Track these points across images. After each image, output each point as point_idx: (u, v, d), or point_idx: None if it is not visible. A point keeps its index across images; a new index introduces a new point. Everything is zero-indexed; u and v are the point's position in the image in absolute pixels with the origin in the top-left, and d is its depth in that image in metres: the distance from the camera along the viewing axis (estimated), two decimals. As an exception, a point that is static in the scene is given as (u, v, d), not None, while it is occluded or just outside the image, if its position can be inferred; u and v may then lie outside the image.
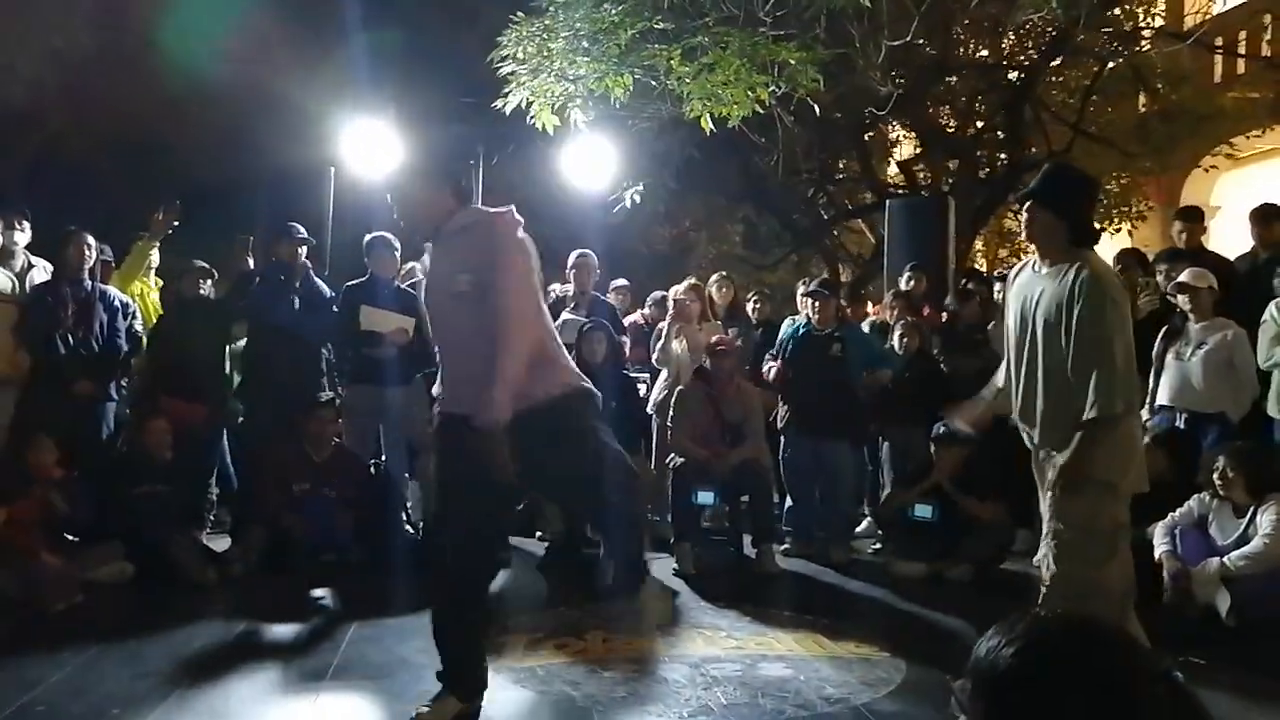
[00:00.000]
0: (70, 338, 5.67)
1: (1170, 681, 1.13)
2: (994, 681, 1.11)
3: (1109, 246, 13.31)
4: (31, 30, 8.97)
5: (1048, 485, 3.50)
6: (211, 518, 6.25)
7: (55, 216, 6.48)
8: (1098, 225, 13.47)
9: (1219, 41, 12.70)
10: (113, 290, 6.03)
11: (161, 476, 5.44)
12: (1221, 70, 13.91)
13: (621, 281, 7.83)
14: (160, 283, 6.83)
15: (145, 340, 6.15)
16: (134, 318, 6.04)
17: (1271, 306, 5.39)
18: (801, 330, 6.39)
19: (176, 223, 6.42)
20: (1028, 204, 3.55)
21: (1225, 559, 4.47)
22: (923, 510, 5.77)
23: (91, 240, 5.84)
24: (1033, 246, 3.61)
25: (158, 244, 6.53)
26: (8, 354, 5.57)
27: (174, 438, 5.58)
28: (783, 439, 6.32)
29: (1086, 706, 1.07)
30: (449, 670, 3.21)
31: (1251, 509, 4.57)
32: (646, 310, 7.37)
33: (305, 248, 6.21)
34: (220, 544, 5.68)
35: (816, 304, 6.30)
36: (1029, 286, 3.53)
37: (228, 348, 6.40)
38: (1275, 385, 5.35)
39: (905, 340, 6.43)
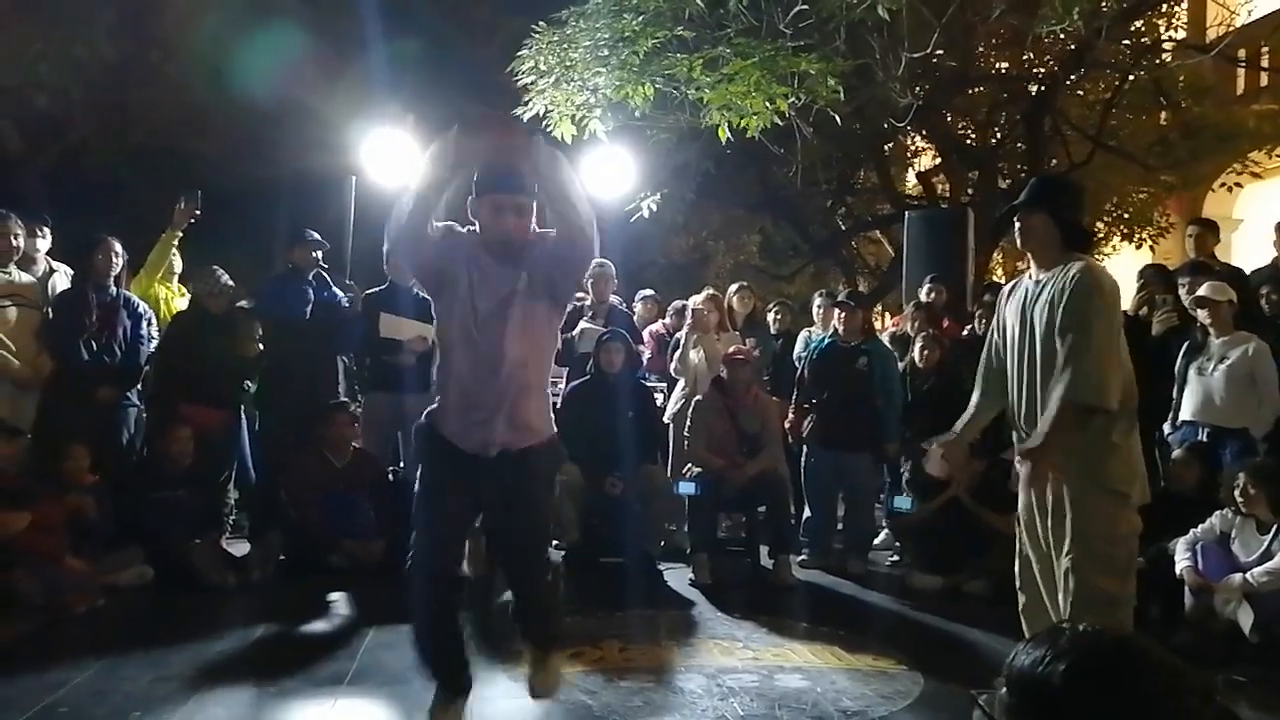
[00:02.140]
0: (94, 343, 5.67)
1: (1215, 701, 1.13)
2: (1048, 698, 1.11)
3: (1131, 261, 13.24)
4: (54, 40, 9.05)
5: (1051, 499, 3.50)
6: (231, 522, 6.27)
7: (79, 223, 6.51)
8: (1118, 239, 13.21)
9: (1242, 54, 12.61)
10: (136, 297, 6.05)
11: (181, 481, 5.47)
12: (1244, 83, 13.82)
13: (648, 291, 7.89)
14: (182, 289, 6.84)
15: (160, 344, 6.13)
16: (151, 325, 6.03)
17: None
18: (827, 342, 6.38)
19: (198, 211, 6.36)
20: (1019, 214, 3.59)
21: (1248, 574, 4.41)
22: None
23: (119, 247, 5.86)
24: (1029, 256, 3.63)
25: (178, 240, 6.48)
26: (30, 358, 5.59)
27: (193, 443, 5.60)
28: (804, 449, 6.31)
29: None
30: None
31: (1275, 526, 4.52)
32: (668, 320, 7.39)
33: (319, 252, 6.24)
34: (240, 549, 5.71)
35: (844, 315, 6.31)
36: (1028, 294, 3.57)
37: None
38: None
39: (926, 352, 6.41)
